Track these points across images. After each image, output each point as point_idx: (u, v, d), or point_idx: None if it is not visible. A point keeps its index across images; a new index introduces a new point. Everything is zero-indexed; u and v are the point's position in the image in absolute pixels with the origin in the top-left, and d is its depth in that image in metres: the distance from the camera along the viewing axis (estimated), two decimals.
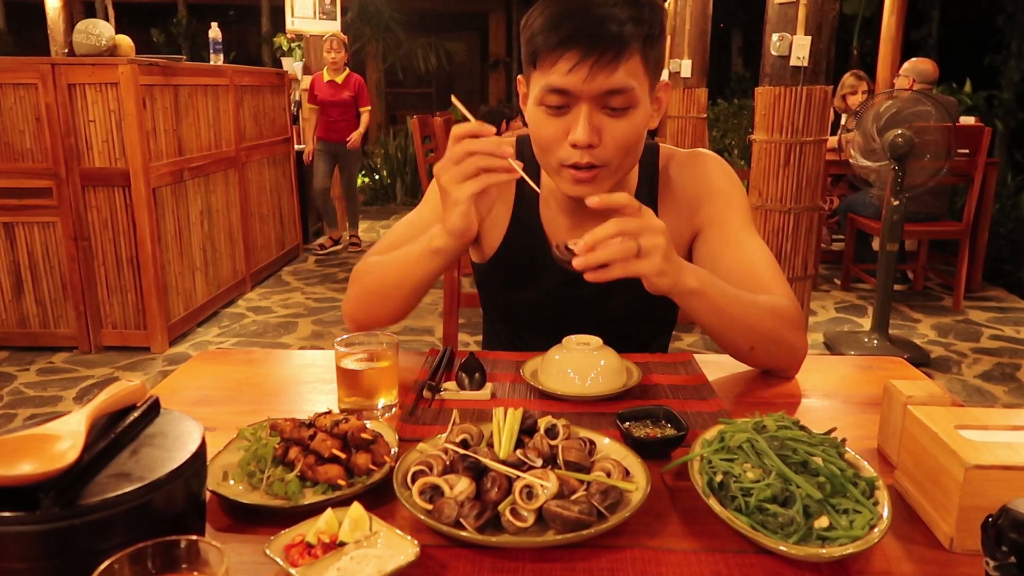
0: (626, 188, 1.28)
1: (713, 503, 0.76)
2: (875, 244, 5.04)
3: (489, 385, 1.12)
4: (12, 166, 3.67)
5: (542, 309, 1.35)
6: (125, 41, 3.86)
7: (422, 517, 0.74)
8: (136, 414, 0.73)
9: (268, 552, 0.68)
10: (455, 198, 1.04)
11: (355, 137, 6.05)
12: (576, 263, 0.94)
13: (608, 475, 0.79)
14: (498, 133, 1.25)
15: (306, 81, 6.63)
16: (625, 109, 1.08)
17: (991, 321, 4.46)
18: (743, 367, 1.23)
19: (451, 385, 1.12)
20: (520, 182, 1.30)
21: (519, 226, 1.31)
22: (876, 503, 0.75)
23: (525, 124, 1.22)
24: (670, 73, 7.14)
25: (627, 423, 0.95)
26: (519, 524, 0.73)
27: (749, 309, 1.11)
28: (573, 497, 0.75)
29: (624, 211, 0.95)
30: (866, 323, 4.33)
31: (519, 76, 1.19)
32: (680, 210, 1.28)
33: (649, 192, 1.29)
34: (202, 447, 0.70)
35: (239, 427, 0.90)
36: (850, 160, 3.92)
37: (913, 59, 4.95)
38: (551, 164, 1.15)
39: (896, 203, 3.65)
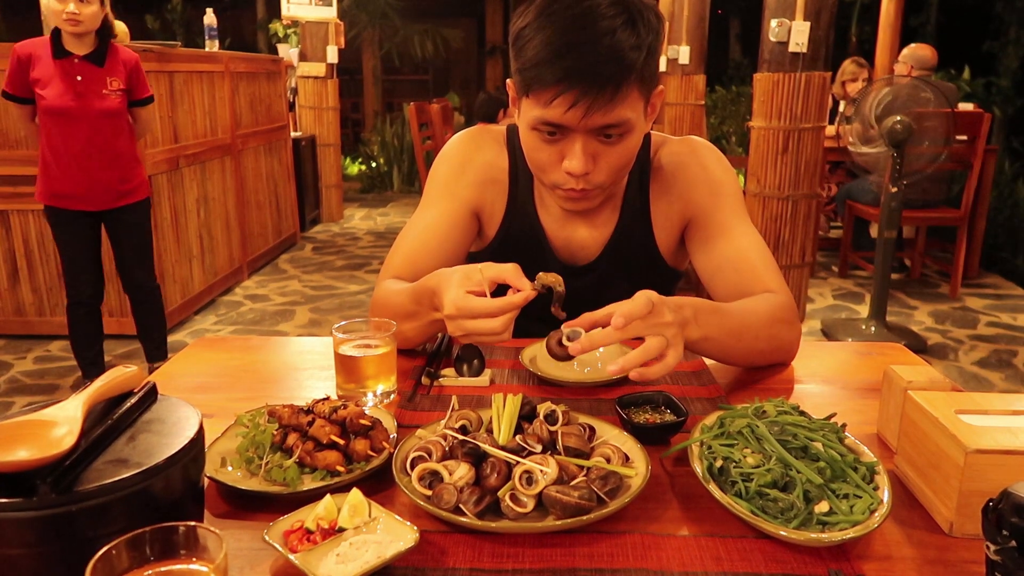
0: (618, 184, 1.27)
1: (713, 488, 0.76)
2: (873, 231, 5.04)
3: (488, 371, 1.11)
4: (7, 153, 3.65)
5: (538, 299, 1.35)
6: (120, 27, 3.82)
7: (421, 503, 0.74)
8: (133, 400, 0.72)
9: (267, 538, 0.67)
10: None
11: None
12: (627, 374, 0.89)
13: (608, 461, 0.79)
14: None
15: (303, 67, 6.59)
16: (621, 136, 1.06)
17: (988, 308, 4.46)
18: None
19: (449, 371, 1.12)
20: (514, 172, 1.30)
21: (514, 218, 1.30)
22: (876, 488, 0.75)
23: None
24: (668, 60, 7.12)
25: (626, 409, 0.94)
26: (519, 510, 0.73)
27: (749, 332, 1.09)
28: (573, 483, 0.75)
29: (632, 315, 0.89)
30: (863, 310, 4.34)
31: (508, 80, 1.15)
32: (671, 198, 1.27)
33: (640, 180, 1.28)
34: (200, 433, 0.69)
35: (237, 414, 0.89)
36: (848, 147, 3.91)
37: (912, 45, 4.93)
38: (544, 182, 1.16)
39: (894, 190, 3.64)
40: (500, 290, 0.96)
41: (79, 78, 2.79)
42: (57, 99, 2.76)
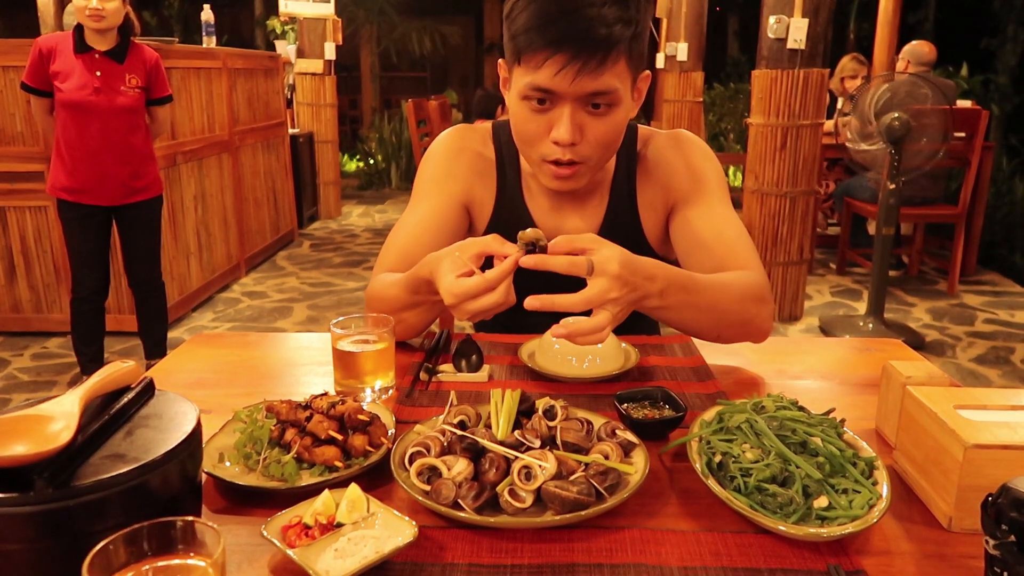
0: (605, 172, 1.29)
1: (712, 483, 0.75)
2: (871, 228, 5.05)
3: (486, 367, 1.11)
4: (4, 150, 3.64)
5: (530, 290, 1.34)
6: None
7: (420, 498, 0.74)
8: (131, 395, 0.72)
9: (265, 533, 0.67)
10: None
11: None
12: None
13: (606, 456, 0.79)
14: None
15: (301, 64, 6.57)
16: (608, 107, 1.08)
17: (985, 305, 4.47)
18: (741, 349, 1.23)
19: (448, 367, 1.12)
20: (501, 165, 1.31)
21: (504, 208, 1.32)
22: (875, 483, 0.75)
23: None
24: (666, 57, 7.12)
25: (625, 404, 0.94)
26: (517, 505, 0.73)
27: (716, 306, 1.08)
28: (572, 478, 0.74)
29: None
30: (861, 307, 4.34)
31: (500, 60, 1.16)
32: (655, 187, 1.29)
33: (627, 172, 1.30)
34: (197, 428, 0.69)
35: (234, 410, 0.89)
36: (846, 144, 3.91)
37: (912, 42, 4.93)
38: (532, 157, 1.16)
39: (892, 187, 3.64)
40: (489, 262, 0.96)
41: (98, 73, 2.81)
42: (75, 93, 2.78)
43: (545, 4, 1.02)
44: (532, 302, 0.87)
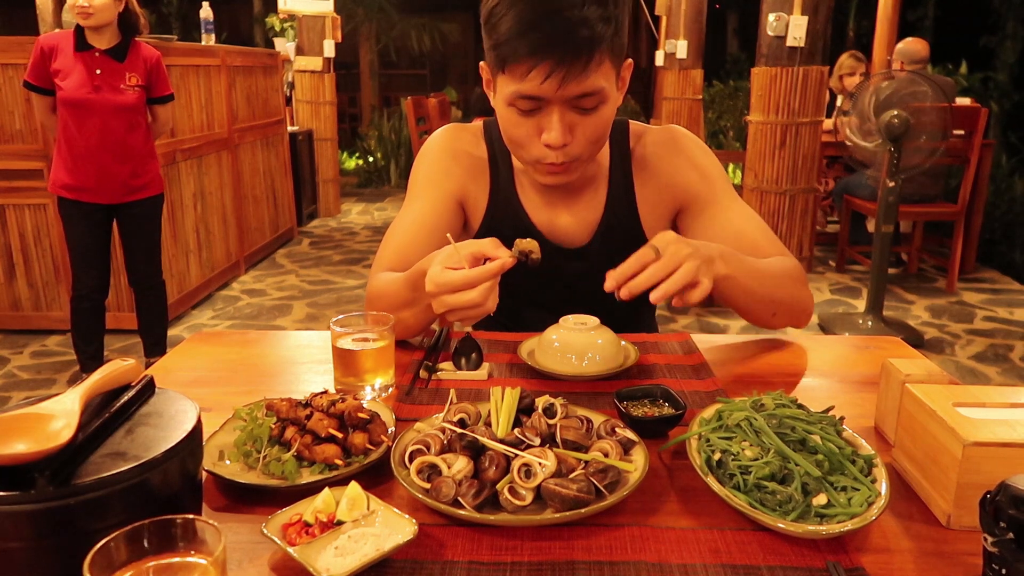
0: (598, 167, 1.29)
1: (711, 481, 0.76)
2: (870, 226, 5.05)
3: (486, 365, 1.11)
4: (3, 148, 3.63)
5: (527, 285, 1.35)
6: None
7: (420, 496, 0.74)
8: (131, 393, 0.72)
9: (265, 531, 0.67)
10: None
11: None
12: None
13: (606, 454, 0.79)
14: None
15: (300, 62, 6.56)
16: (596, 106, 1.08)
17: (984, 303, 4.47)
18: (740, 346, 1.23)
19: (447, 365, 1.12)
20: (494, 163, 1.31)
21: (497, 205, 1.32)
22: (874, 480, 0.75)
23: None
24: (665, 55, 7.12)
25: (625, 402, 0.94)
26: (517, 503, 0.73)
27: (770, 280, 1.14)
28: (571, 476, 0.75)
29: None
30: (861, 305, 4.35)
31: (481, 63, 1.16)
32: (658, 185, 1.29)
33: (623, 170, 1.30)
34: (198, 426, 0.69)
35: (234, 408, 0.89)
36: (846, 141, 3.91)
37: (905, 40, 4.93)
38: (523, 158, 1.17)
39: (892, 184, 3.64)
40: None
41: (98, 71, 2.81)
42: (75, 91, 2.78)
43: (526, 10, 1.01)
44: (614, 288, 0.96)
